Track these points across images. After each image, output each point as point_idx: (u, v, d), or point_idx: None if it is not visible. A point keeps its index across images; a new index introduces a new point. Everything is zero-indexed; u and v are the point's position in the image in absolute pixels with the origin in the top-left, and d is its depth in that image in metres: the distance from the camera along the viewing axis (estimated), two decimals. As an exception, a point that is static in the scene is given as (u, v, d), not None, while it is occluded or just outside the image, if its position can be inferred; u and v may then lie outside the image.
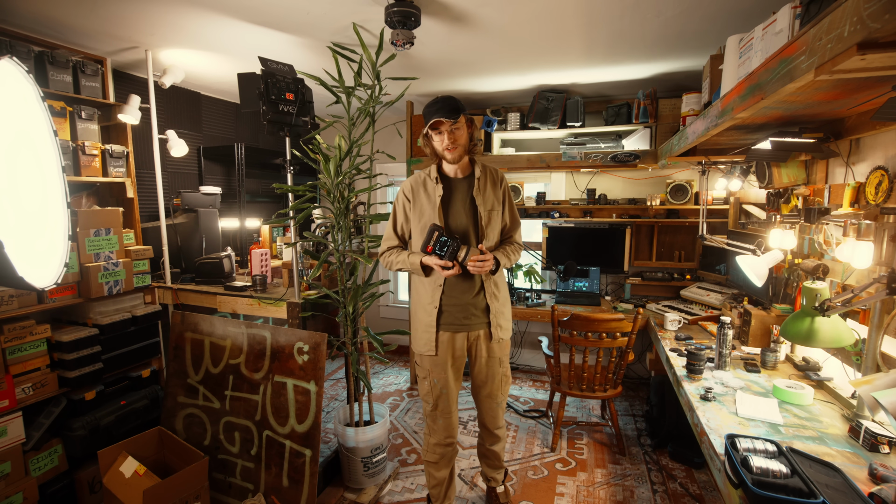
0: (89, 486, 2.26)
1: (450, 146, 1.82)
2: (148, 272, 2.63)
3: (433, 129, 1.81)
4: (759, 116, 1.62)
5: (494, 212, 1.94)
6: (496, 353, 2.00)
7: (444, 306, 1.90)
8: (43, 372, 2.13)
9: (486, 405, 2.08)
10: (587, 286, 3.59)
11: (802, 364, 2.03)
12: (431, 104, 1.80)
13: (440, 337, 1.92)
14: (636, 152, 3.20)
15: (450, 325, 1.92)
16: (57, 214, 1.36)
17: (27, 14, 2.14)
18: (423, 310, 1.94)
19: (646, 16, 2.14)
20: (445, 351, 1.93)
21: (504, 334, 2.00)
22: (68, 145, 2.38)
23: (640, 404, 3.47)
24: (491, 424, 2.12)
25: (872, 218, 1.59)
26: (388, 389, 3.74)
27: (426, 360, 1.97)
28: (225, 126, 3.90)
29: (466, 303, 1.91)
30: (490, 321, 1.94)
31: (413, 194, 1.94)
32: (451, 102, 1.79)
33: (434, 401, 2.00)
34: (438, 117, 1.76)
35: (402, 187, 1.99)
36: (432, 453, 2.07)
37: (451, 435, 2.04)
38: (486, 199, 1.93)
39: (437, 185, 1.90)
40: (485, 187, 1.93)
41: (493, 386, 2.03)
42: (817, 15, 1.03)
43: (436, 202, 1.89)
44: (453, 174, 1.94)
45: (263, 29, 2.32)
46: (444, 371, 1.95)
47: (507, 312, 2.03)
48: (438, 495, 2.13)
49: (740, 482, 1.16)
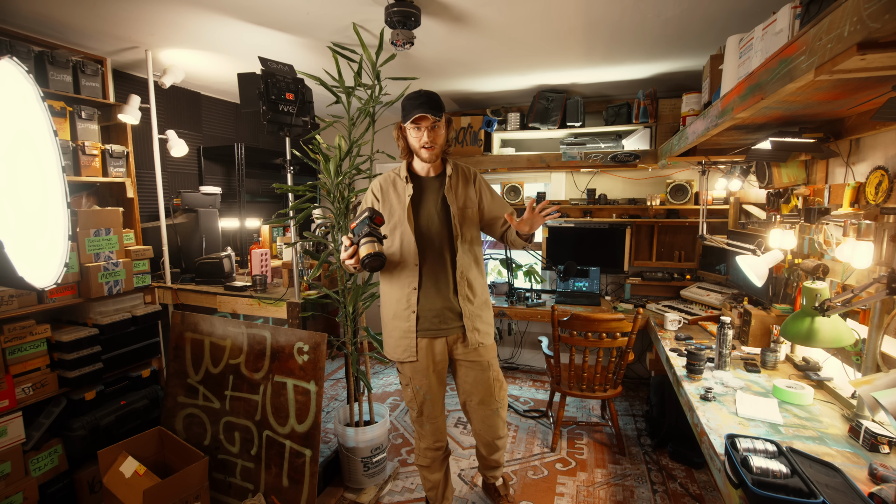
0: (89, 486, 2.26)
1: (428, 144, 1.75)
2: (148, 272, 2.63)
3: (414, 123, 1.74)
4: (759, 116, 1.62)
5: (468, 210, 1.87)
6: (481, 357, 1.90)
7: (420, 311, 1.83)
8: (43, 372, 2.13)
9: (480, 414, 1.99)
10: (587, 286, 3.59)
11: (802, 364, 2.03)
12: (414, 97, 1.72)
13: (419, 343, 1.86)
14: (636, 152, 3.20)
15: (427, 330, 1.85)
16: (57, 214, 1.36)
17: (27, 14, 2.14)
18: (398, 316, 1.87)
19: (646, 16, 2.14)
20: (425, 357, 1.88)
21: (483, 338, 1.89)
22: (68, 145, 2.38)
23: (640, 404, 3.47)
24: (489, 435, 2.03)
25: (872, 218, 1.59)
26: (388, 389, 3.74)
27: (407, 368, 1.92)
28: (225, 126, 3.90)
29: (441, 307, 1.84)
30: (464, 325, 1.86)
31: (382, 193, 1.88)
32: (434, 98, 1.72)
33: (419, 407, 1.96)
34: (422, 112, 1.69)
35: (371, 186, 1.93)
36: (423, 457, 2.07)
37: (439, 439, 2.03)
38: (458, 197, 1.85)
39: (406, 185, 1.84)
40: (456, 185, 1.87)
41: (484, 392, 1.94)
42: (817, 15, 1.03)
43: (405, 202, 1.82)
44: (424, 173, 1.88)
45: (263, 29, 2.32)
46: (426, 377, 1.90)
47: (485, 315, 1.92)
48: (436, 497, 2.13)
49: (740, 482, 1.16)
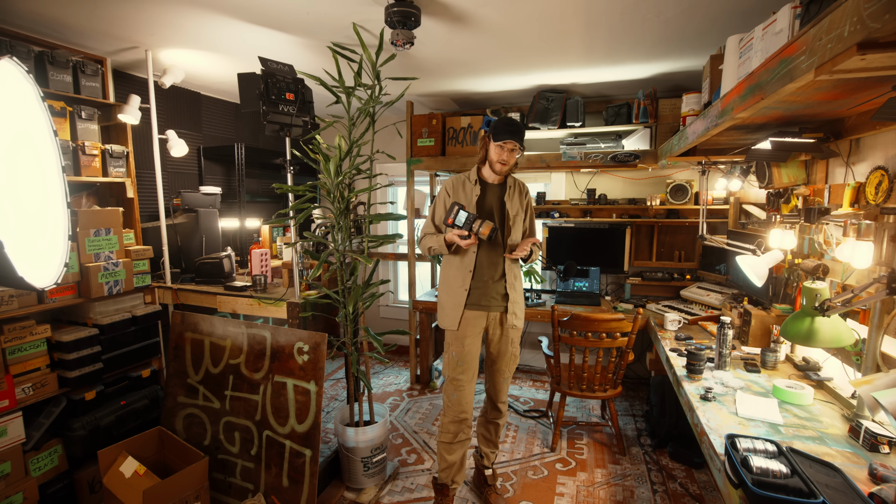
0: (89, 486, 2.26)
1: (504, 161, 2.09)
2: (148, 272, 2.63)
3: (500, 142, 2.04)
4: (759, 116, 1.62)
5: (518, 216, 2.22)
6: (510, 335, 2.23)
7: (472, 288, 2.16)
8: (43, 372, 2.13)
9: (495, 378, 2.30)
10: (587, 286, 3.59)
11: (802, 364, 2.03)
12: (508, 123, 2.05)
13: (465, 314, 2.16)
14: (636, 152, 3.20)
15: (474, 304, 2.17)
16: (57, 214, 1.36)
17: (27, 14, 2.14)
18: (453, 292, 2.18)
19: (646, 16, 2.14)
20: (468, 326, 2.17)
21: (517, 322, 2.23)
22: (68, 145, 2.38)
23: (640, 404, 3.47)
24: (496, 397, 2.33)
25: (872, 218, 1.59)
26: (388, 389, 3.74)
27: (450, 334, 2.21)
28: (225, 126, 3.90)
29: (490, 287, 2.17)
30: (507, 307, 2.18)
31: (454, 191, 2.21)
32: (523, 130, 2.07)
33: (452, 373, 2.20)
34: (512, 139, 2.03)
35: (444, 185, 2.25)
36: (446, 433, 2.22)
37: (464, 410, 2.19)
38: (514, 205, 2.20)
39: (475, 186, 2.18)
40: (513, 195, 2.21)
41: (503, 361, 2.26)
42: (817, 15, 1.03)
43: (472, 200, 2.16)
44: (491, 180, 2.20)
45: (263, 29, 2.32)
46: (464, 345, 2.18)
47: (521, 304, 2.25)
48: (448, 477, 2.25)
49: (740, 482, 1.16)
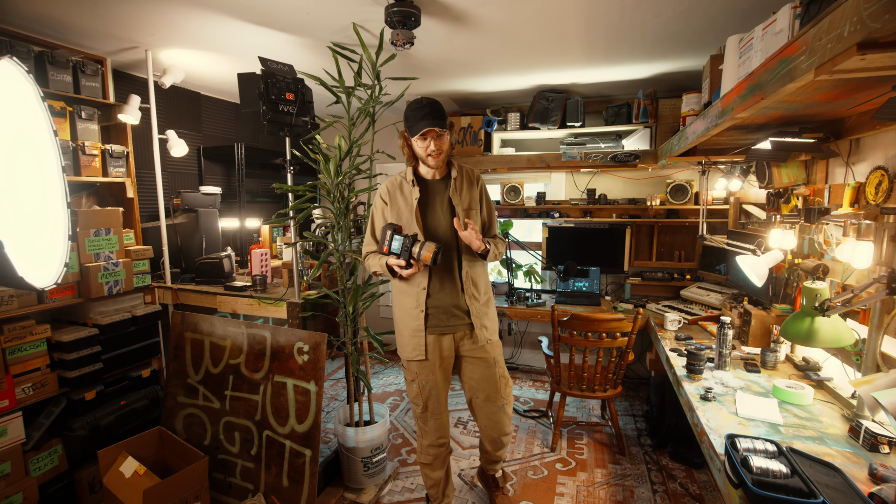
0: (89, 486, 2.26)
1: (434, 153, 1.81)
2: (148, 272, 2.63)
3: (416, 135, 1.78)
4: (759, 116, 1.62)
5: (473, 210, 1.94)
6: (488, 353, 1.98)
7: (430, 309, 1.91)
8: (43, 372, 2.13)
9: (486, 410, 2.04)
10: (587, 286, 3.59)
11: (802, 364, 2.03)
12: (417, 108, 1.76)
13: (427, 340, 1.93)
14: (636, 152, 3.20)
15: (435, 327, 1.92)
16: (57, 214, 1.36)
17: (27, 14, 2.14)
18: (408, 315, 1.94)
19: (646, 16, 2.14)
20: (433, 353, 1.94)
21: (490, 335, 1.98)
22: (68, 145, 2.38)
23: (640, 404, 3.47)
24: (495, 431, 2.08)
25: (872, 218, 1.59)
26: (388, 389, 3.74)
27: (413, 364, 1.98)
28: (225, 126, 3.90)
29: (449, 305, 1.91)
30: (472, 322, 1.93)
31: (390, 197, 1.94)
32: (438, 109, 1.77)
33: (424, 402, 2.01)
34: (429, 125, 1.73)
35: (378, 191, 1.99)
36: (426, 455, 2.09)
37: (442, 436, 2.06)
38: (463, 198, 1.92)
39: (413, 188, 1.90)
40: (461, 187, 1.93)
41: (490, 389, 2.00)
42: (817, 15, 1.03)
43: (412, 204, 1.88)
44: (430, 176, 1.94)
45: (263, 29, 2.32)
46: (433, 372, 1.96)
47: (490, 313, 2.00)
48: (437, 495, 2.16)
49: (740, 482, 1.16)
